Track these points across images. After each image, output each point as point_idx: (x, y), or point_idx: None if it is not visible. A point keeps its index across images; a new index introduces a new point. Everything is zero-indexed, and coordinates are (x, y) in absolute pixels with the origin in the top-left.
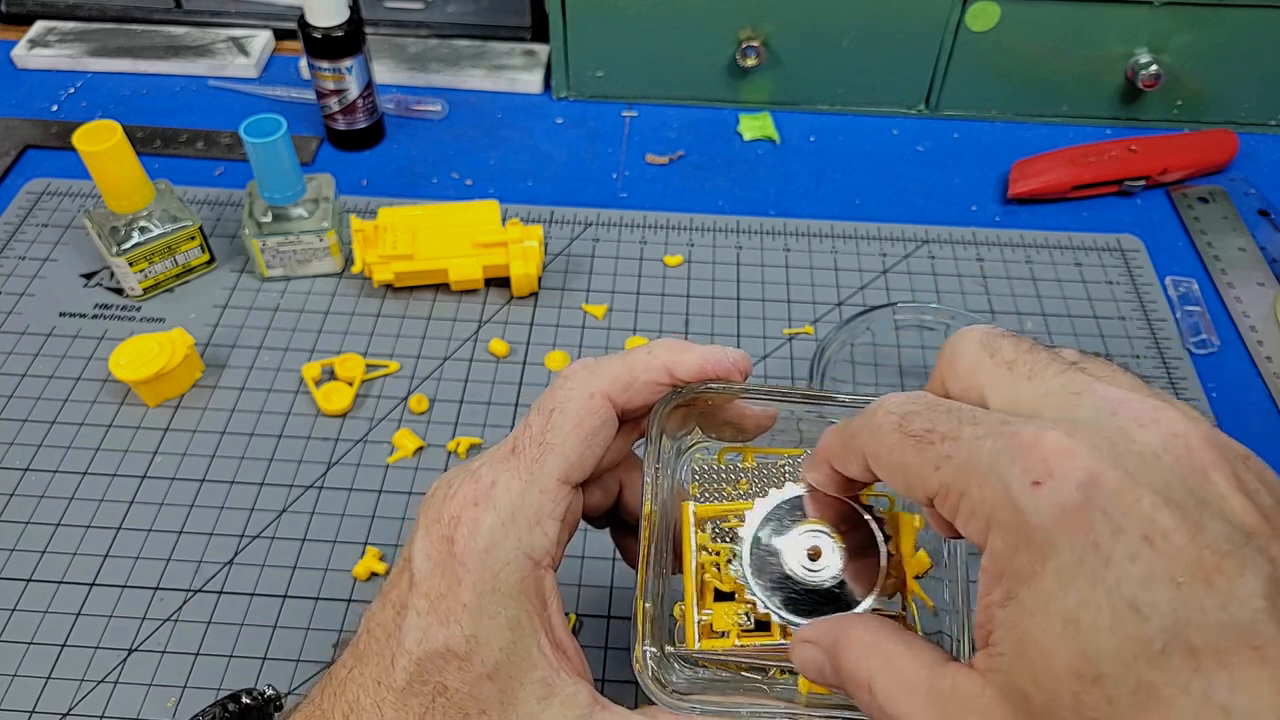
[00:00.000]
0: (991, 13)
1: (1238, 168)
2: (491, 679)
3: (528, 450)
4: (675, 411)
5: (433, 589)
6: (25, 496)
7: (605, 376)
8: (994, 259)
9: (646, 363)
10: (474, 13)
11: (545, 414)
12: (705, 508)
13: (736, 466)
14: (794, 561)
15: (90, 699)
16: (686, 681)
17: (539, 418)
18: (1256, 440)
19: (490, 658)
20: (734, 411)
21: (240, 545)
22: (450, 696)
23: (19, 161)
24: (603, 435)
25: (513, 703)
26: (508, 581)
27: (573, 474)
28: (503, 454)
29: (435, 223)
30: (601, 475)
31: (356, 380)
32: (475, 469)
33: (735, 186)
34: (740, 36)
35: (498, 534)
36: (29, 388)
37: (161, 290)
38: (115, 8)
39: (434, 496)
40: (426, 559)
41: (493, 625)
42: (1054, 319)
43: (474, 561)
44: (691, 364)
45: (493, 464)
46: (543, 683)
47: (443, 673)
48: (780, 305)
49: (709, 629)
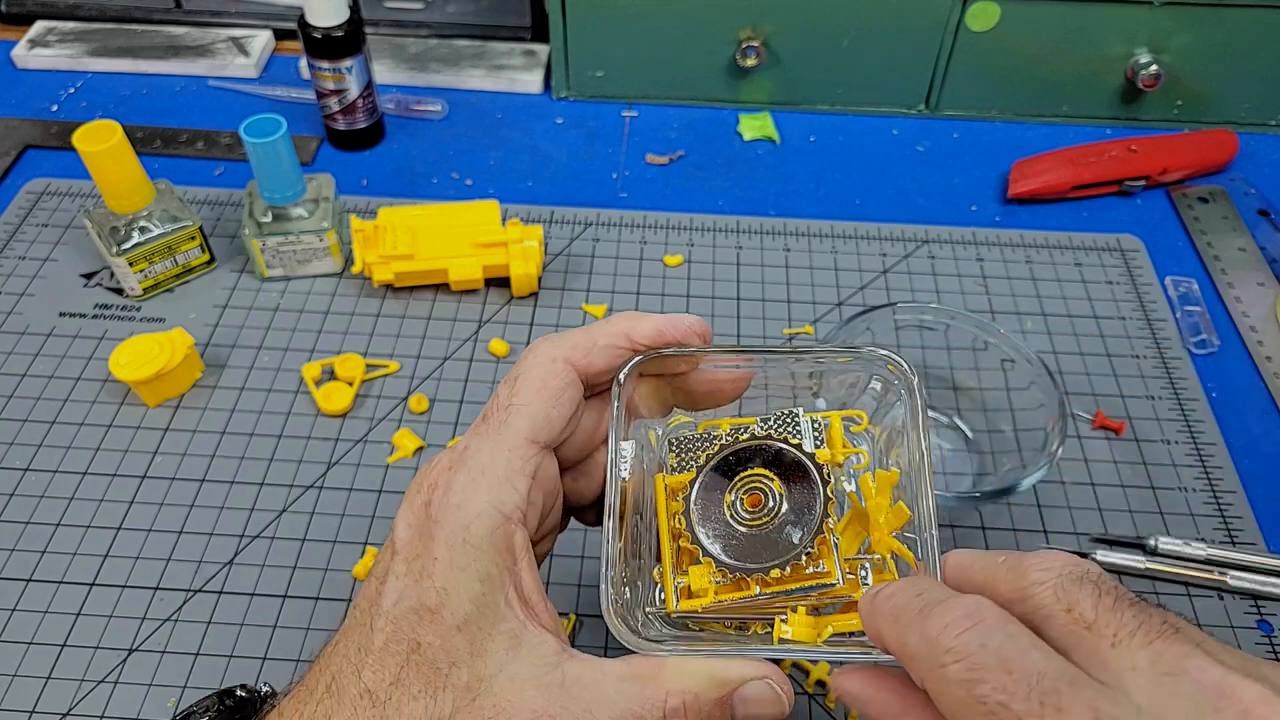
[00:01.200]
0: (991, 13)
1: (1238, 168)
2: (461, 630)
3: (495, 415)
4: (649, 387)
5: (410, 551)
6: (25, 496)
7: (566, 343)
8: (994, 259)
9: (605, 329)
10: (474, 13)
11: (510, 382)
12: (675, 478)
13: (711, 435)
14: (734, 509)
15: (90, 699)
16: (668, 639)
17: (505, 386)
18: (1256, 440)
19: (460, 609)
20: (706, 379)
21: (240, 545)
22: (423, 652)
23: (19, 161)
24: (567, 396)
25: (481, 654)
26: (477, 534)
27: (540, 433)
28: (475, 424)
29: (435, 223)
30: (583, 461)
31: (356, 380)
32: (453, 444)
33: (735, 186)
34: (740, 36)
35: (468, 490)
36: (29, 388)
37: (161, 290)
38: (115, 8)
39: (418, 472)
40: (407, 526)
41: (462, 577)
42: (1054, 319)
43: (446, 517)
44: (648, 328)
45: (467, 434)
46: (510, 634)
47: (416, 629)
48: (780, 305)
49: (687, 592)
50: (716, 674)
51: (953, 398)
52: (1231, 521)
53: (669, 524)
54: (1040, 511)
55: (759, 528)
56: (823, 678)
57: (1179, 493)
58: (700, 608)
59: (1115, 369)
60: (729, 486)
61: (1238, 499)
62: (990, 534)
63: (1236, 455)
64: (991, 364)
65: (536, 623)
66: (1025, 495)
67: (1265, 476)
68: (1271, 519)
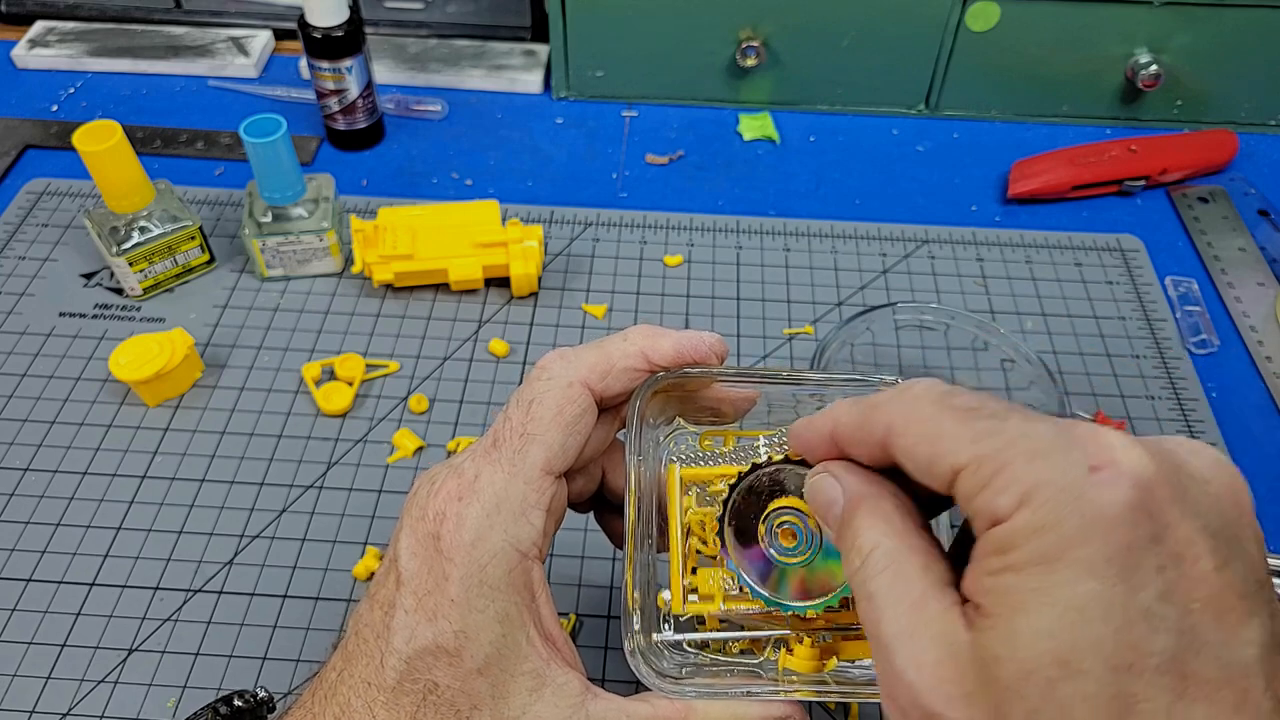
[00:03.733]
0: (991, 13)
1: (1237, 168)
2: (482, 673)
3: (509, 442)
4: (655, 397)
5: (420, 586)
6: (25, 496)
7: (582, 365)
8: (994, 259)
9: (623, 349)
10: (474, 13)
11: (524, 406)
12: (690, 470)
13: (717, 452)
14: (768, 541)
15: (90, 699)
16: (676, 667)
17: (518, 410)
18: (1256, 440)
19: (480, 652)
20: (713, 395)
21: (240, 545)
22: (441, 694)
23: (19, 161)
24: (583, 423)
25: (504, 695)
26: (495, 574)
27: (555, 464)
28: (484, 448)
29: (435, 223)
30: (585, 464)
31: (356, 380)
32: (458, 464)
33: (735, 186)
34: (740, 36)
35: (483, 527)
36: (29, 388)
37: (161, 290)
38: (115, 8)
39: (417, 493)
40: (413, 556)
41: (481, 619)
42: (1054, 319)
43: (460, 556)
44: (667, 349)
45: (475, 458)
46: (534, 674)
47: (432, 670)
48: (780, 305)
49: (693, 592)
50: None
51: None
52: None
53: (679, 519)
54: None
55: (798, 562)
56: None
57: None
58: (708, 613)
59: (1115, 369)
60: (760, 515)
61: None
62: None
63: (1236, 455)
64: (991, 364)
65: (560, 660)
66: None
67: (1265, 475)
68: (1271, 518)
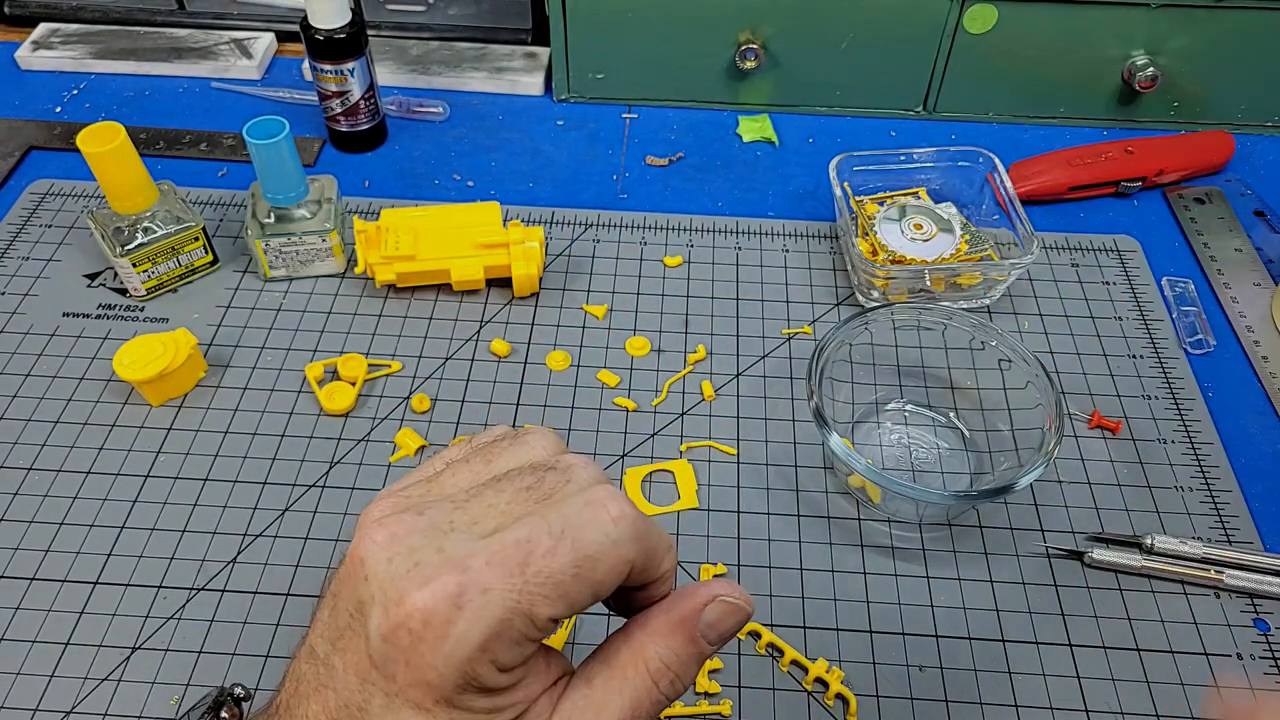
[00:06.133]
0: (989, 15)
1: (1234, 169)
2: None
3: (537, 574)
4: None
5: (401, 678)
6: (29, 495)
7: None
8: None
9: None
10: (475, 15)
11: (572, 551)
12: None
13: None
14: None
15: (93, 697)
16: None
17: (566, 551)
18: (1252, 439)
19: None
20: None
21: (243, 544)
22: None
23: (23, 162)
24: (608, 590)
25: None
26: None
27: (567, 614)
28: (503, 556)
29: (437, 224)
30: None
31: (359, 380)
32: (460, 557)
33: (735, 188)
34: (739, 39)
35: (474, 652)
36: (33, 387)
37: (165, 291)
38: (118, 10)
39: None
40: (385, 642)
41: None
42: (1050, 319)
43: (441, 667)
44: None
45: (491, 564)
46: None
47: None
48: (779, 305)
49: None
50: (674, 617)
51: (950, 397)
52: (1228, 520)
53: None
54: (1037, 510)
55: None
56: (821, 675)
57: (1175, 492)
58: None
59: (1112, 369)
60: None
61: (1234, 498)
62: (987, 532)
63: (1233, 454)
64: (989, 364)
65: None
66: (1022, 494)
67: (1261, 475)
68: (1268, 517)
